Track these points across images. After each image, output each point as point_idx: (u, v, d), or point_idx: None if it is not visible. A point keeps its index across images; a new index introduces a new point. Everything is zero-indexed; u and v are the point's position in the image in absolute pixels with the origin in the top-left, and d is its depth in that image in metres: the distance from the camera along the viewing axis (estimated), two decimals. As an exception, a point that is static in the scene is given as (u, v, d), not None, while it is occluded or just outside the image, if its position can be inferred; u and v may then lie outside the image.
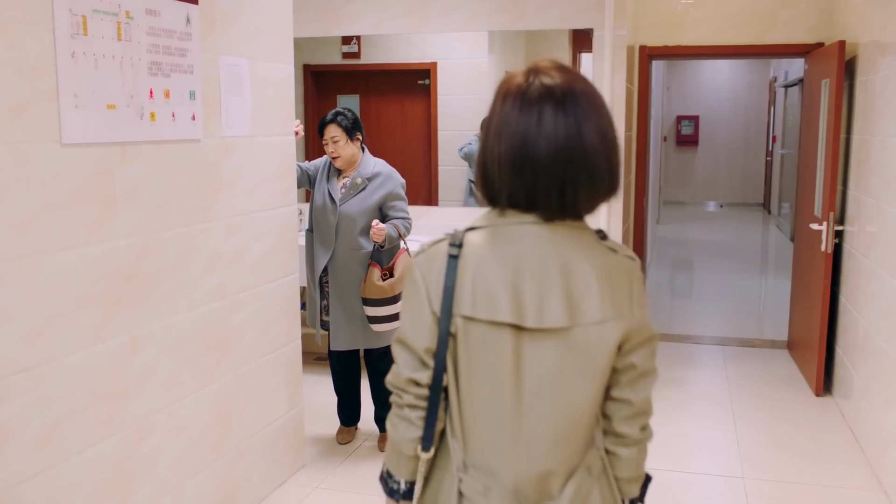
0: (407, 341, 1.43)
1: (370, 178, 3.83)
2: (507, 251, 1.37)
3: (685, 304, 7.49)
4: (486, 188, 1.40)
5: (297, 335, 3.63)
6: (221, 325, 3.06)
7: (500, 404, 1.39)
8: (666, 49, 5.69)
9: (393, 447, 1.49)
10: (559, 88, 1.34)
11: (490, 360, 1.37)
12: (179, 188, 2.78)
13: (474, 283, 1.36)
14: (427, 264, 1.42)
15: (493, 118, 1.39)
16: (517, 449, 1.40)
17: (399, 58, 5.74)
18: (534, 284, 1.35)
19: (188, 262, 2.85)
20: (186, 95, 2.77)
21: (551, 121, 1.32)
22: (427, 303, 1.40)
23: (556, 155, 1.32)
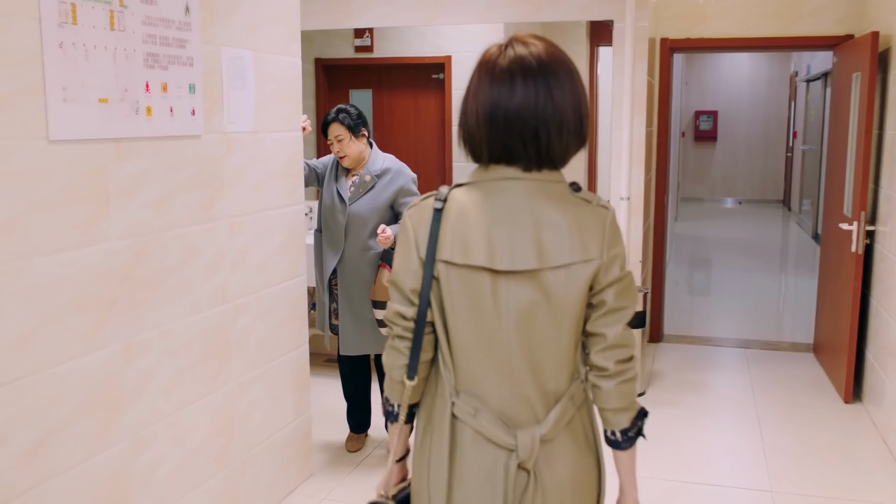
0: (397, 281, 1.61)
1: (379, 175, 3.68)
2: (485, 203, 1.53)
3: (704, 304, 7.30)
4: (468, 145, 1.57)
5: (304, 339, 3.49)
6: (224, 330, 2.92)
7: (482, 338, 1.55)
8: (688, 42, 5.50)
9: (387, 372, 1.66)
10: (531, 57, 1.50)
11: (470, 299, 1.54)
12: (179, 186, 2.64)
13: (453, 232, 1.53)
14: (417, 216, 1.60)
15: (472, 83, 1.55)
16: (499, 377, 1.57)
17: (413, 51, 5.60)
18: (507, 232, 1.51)
19: (188, 263, 2.71)
20: (185, 89, 2.62)
21: (521, 84, 1.49)
22: (415, 249, 1.58)
23: (527, 107, 1.49)
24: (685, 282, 8.26)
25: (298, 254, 3.41)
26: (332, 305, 3.82)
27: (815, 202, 10.96)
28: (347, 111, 3.67)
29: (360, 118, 3.70)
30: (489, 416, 1.57)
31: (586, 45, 5.65)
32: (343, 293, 3.71)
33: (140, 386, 2.52)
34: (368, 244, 3.65)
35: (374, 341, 3.73)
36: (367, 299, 3.67)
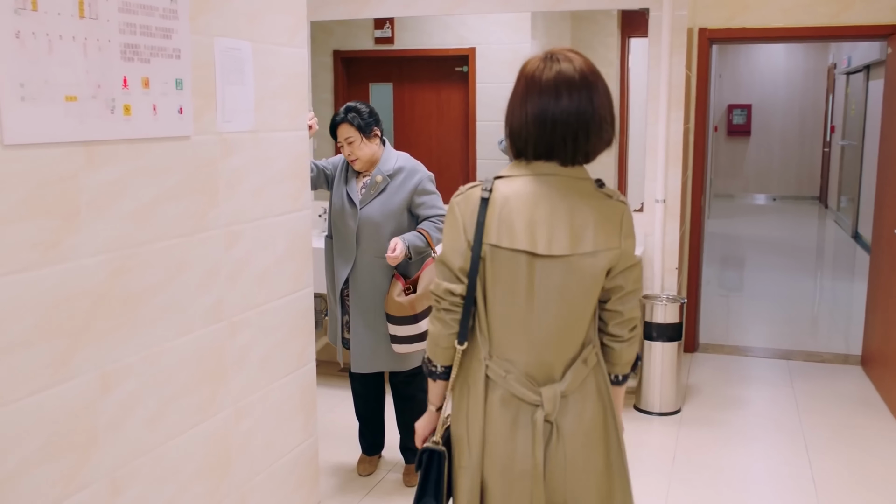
0: (446, 261, 1.85)
1: (392, 175, 3.38)
2: (527, 195, 1.79)
3: (739, 309, 6.93)
4: (514, 143, 1.84)
5: (311, 356, 3.20)
6: (218, 351, 2.64)
7: (517, 311, 1.81)
8: (728, 32, 5.14)
9: (433, 339, 1.91)
10: (574, 71, 1.78)
11: (510, 278, 1.79)
12: (164, 194, 2.35)
13: (499, 219, 1.78)
14: (464, 204, 1.85)
15: (518, 91, 1.83)
16: (528, 344, 1.83)
17: (435, 43, 5.35)
18: (545, 221, 1.77)
19: (176, 279, 2.42)
20: (171, 84, 2.33)
21: (565, 94, 1.77)
22: (463, 233, 1.83)
23: (570, 113, 1.76)
24: (718, 284, 7.89)
25: (304, 263, 3.12)
26: (344, 318, 3.53)
27: (854, 199, 10.51)
28: (357, 110, 3.37)
29: (372, 116, 3.39)
30: (518, 377, 1.84)
31: (617, 37, 5.34)
32: (355, 305, 3.42)
33: (118, 419, 2.24)
34: (383, 251, 3.36)
35: (388, 358, 3.44)
36: (381, 312, 3.38)
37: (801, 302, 7.27)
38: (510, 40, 5.20)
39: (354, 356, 3.44)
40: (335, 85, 5.75)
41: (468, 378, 1.89)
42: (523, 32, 5.21)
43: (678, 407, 4.48)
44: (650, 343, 4.41)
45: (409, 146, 5.85)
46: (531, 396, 1.84)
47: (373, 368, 3.44)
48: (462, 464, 1.92)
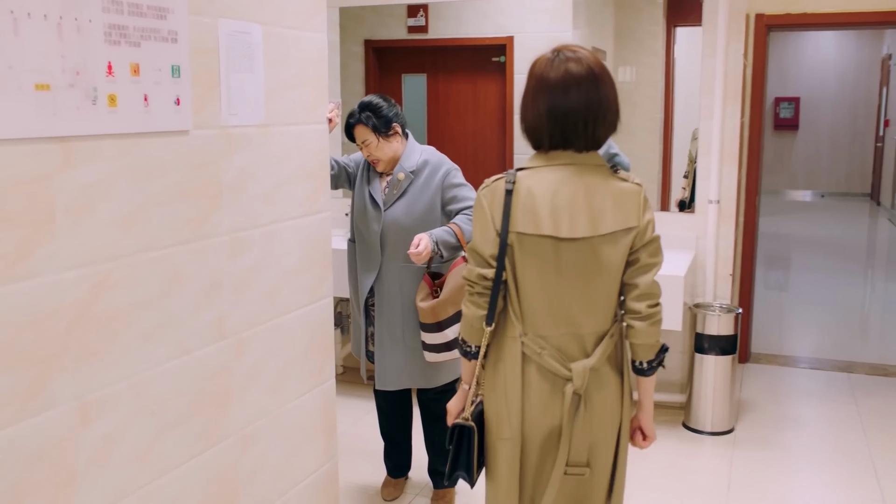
0: (478, 249, 2.02)
1: (415, 172, 3.07)
2: (549, 184, 1.97)
3: (790, 316, 6.52)
4: (531, 136, 2.03)
5: (330, 373, 2.90)
6: (222, 373, 2.35)
7: (547, 292, 2.00)
8: (787, 18, 4.75)
9: (467, 321, 2.07)
10: (581, 67, 1.96)
11: (538, 261, 1.98)
12: (157, 197, 2.06)
13: (524, 209, 1.96)
14: (490, 196, 2.02)
15: (529, 88, 2.01)
16: (558, 320, 2.01)
17: (471, 31, 5.12)
18: (567, 206, 1.95)
19: (171, 294, 2.13)
20: (167, 72, 2.04)
21: (574, 89, 1.95)
22: (491, 223, 2.00)
23: (580, 105, 1.95)
24: (765, 286, 7.46)
25: (323, 271, 2.82)
26: (368, 329, 3.23)
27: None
28: (373, 108, 3.06)
29: (391, 111, 3.08)
30: (551, 352, 2.00)
31: (662, 26, 5.02)
32: (381, 317, 3.12)
33: (100, 454, 1.96)
34: (410, 256, 3.06)
35: (417, 373, 3.14)
36: (408, 323, 3.07)
37: (855, 307, 6.84)
38: (550, 29, 4.93)
39: (380, 372, 3.14)
40: (366, 76, 5.52)
41: (503, 355, 2.05)
42: (564, 20, 4.94)
43: (731, 426, 4.12)
44: (701, 356, 4.06)
45: (443, 140, 5.61)
46: (563, 371, 2.00)
47: (399, 385, 3.15)
48: (503, 436, 2.05)
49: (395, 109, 3.10)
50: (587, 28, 5.01)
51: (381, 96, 3.10)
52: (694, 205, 4.28)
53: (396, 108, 3.11)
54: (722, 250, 4.22)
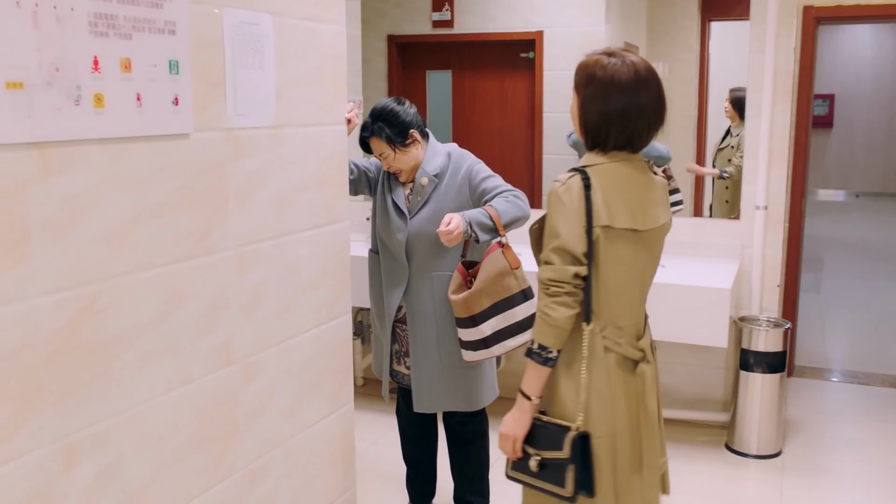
0: (569, 247, 1.96)
1: (439, 174, 2.82)
2: (616, 178, 2.00)
3: (833, 324, 6.21)
4: (594, 137, 2.03)
5: (348, 397, 2.66)
6: (227, 402, 2.11)
7: (625, 283, 2.04)
8: (839, 10, 4.44)
9: (557, 325, 1.97)
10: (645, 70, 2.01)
11: (619, 254, 2.00)
12: (152, 208, 1.83)
13: (604, 202, 1.97)
14: (569, 192, 1.97)
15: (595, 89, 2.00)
16: (632, 310, 2.08)
17: (499, 26, 4.91)
18: (636, 200, 2.02)
19: (169, 316, 1.90)
20: (163, 67, 1.81)
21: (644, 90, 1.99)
22: (578, 219, 1.96)
23: (648, 106, 2.00)
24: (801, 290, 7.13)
25: (341, 286, 2.58)
26: (393, 346, 2.98)
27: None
28: (387, 117, 2.81)
29: (406, 116, 2.82)
30: (628, 339, 2.05)
31: (697, 20, 4.81)
32: (414, 334, 2.87)
33: (88, 500, 1.73)
34: (441, 266, 2.81)
35: (457, 395, 2.89)
36: (445, 339, 2.82)
37: None
38: (582, 23, 4.72)
39: (416, 394, 2.89)
40: (389, 72, 5.33)
41: (582, 352, 2.00)
42: (596, 14, 4.72)
43: (778, 448, 3.84)
44: (746, 374, 3.78)
45: (468, 140, 5.37)
46: (636, 353, 2.05)
47: (438, 408, 2.90)
48: (598, 433, 2.00)
49: (411, 112, 2.84)
50: (620, 22, 4.79)
51: (396, 99, 2.84)
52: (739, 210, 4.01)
53: (412, 110, 2.85)
54: (769, 259, 3.94)
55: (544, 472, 2.00)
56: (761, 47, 3.81)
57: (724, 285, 3.47)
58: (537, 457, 2.01)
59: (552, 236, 1.96)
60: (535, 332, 2.00)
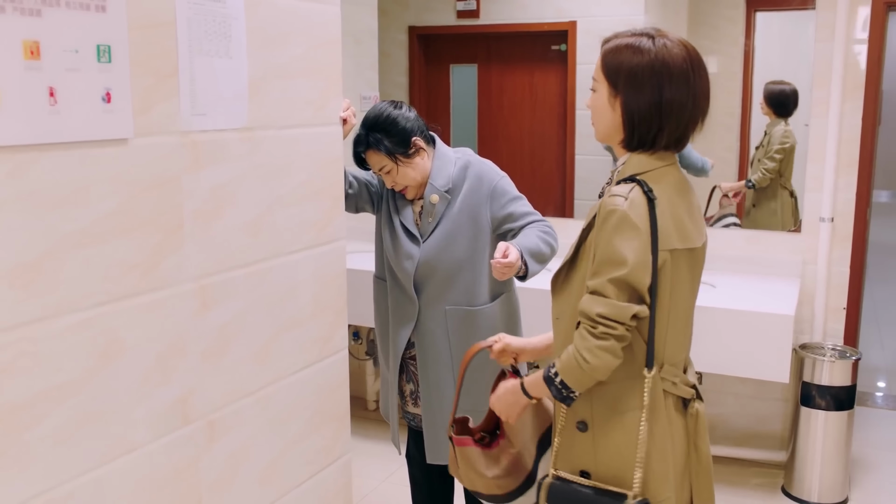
0: (634, 281, 1.58)
1: (450, 190, 2.38)
2: (671, 187, 1.66)
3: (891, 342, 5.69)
4: (640, 134, 1.65)
5: (344, 447, 2.25)
6: (185, 470, 1.71)
7: (683, 312, 1.70)
8: (912, -5, 3.95)
9: (587, 374, 1.61)
10: (696, 55, 1.68)
11: (683, 279, 1.68)
12: (77, 237, 1.42)
13: (673, 221, 1.63)
14: (634, 210, 1.59)
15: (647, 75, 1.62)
16: (686, 341, 1.76)
17: (528, 16, 4.57)
18: (689, 211, 1.69)
19: (103, 371, 1.50)
20: (89, 54, 1.40)
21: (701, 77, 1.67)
22: (647, 245, 1.59)
23: (705, 95, 1.68)
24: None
25: (336, 318, 2.16)
26: (408, 386, 2.55)
27: None
28: (383, 126, 2.36)
29: (406, 122, 2.38)
30: (682, 378, 1.72)
31: (742, 10, 4.40)
32: (426, 376, 2.45)
33: None
34: (457, 299, 2.38)
35: None
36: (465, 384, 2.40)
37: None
38: (619, 13, 4.37)
39: (430, 443, 2.47)
40: (410, 66, 5.00)
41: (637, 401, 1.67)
42: (635, 3, 4.36)
43: (844, 496, 3.37)
44: (808, 410, 3.31)
45: (496, 140, 4.97)
46: (689, 391, 1.75)
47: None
48: (661, 497, 1.68)
49: (412, 116, 2.40)
50: (660, 11, 4.39)
51: (392, 103, 2.40)
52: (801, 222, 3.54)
53: (412, 114, 2.41)
54: (835, 278, 3.47)
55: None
56: (829, 37, 3.35)
57: (786, 311, 3.01)
58: None
59: (614, 265, 1.59)
60: (563, 368, 1.65)
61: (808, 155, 3.52)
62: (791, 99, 3.85)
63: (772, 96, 3.94)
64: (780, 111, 3.87)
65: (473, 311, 2.41)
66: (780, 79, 4.01)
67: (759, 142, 4.01)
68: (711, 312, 3.09)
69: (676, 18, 4.50)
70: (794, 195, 3.85)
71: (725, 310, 3.08)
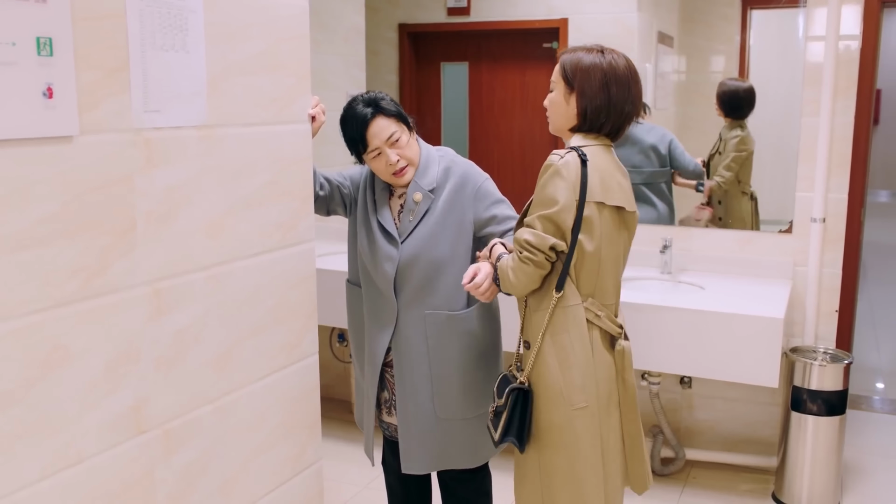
0: (557, 219, 1.94)
1: (434, 189, 2.31)
2: (606, 160, 2.03)
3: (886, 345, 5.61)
4: (591, 122, 2.02)
5: (315, 454, 2.18)
6: (139, 482, 1.64)
7: (610, 262, 2.04)
8: (907, -9, 3.88)
9: (505, 281, 2.03)
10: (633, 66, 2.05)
11: (607, 231, 2.01)
12: (17, 239, 1.35)
13: (600, 180, 1.98)
14: (566, 167, 1.96)
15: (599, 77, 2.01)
16: (615, 289, 2.10)
17: (519, 14, 4.49)
18: (622, 182, 2.05)
19: (45, 380, 1.43)
20: (28, 46, 1.33)
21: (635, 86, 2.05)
22: (573, 192, 1.95)
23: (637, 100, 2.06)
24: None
25: (306, 322, 2.09)
26: (381, 394, 2.47)
27: None
28: (383, 96, 2.32)
29: None
30: (608, 316, 2.06)
31: (738, 8, 4.31)
32: (402, 384, 2.36)
33: None
34: (437, 303, 2.31)
35: (454, 451, 2.39)
36: (440, 387, 2.33)
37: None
38: (611, 10, 4.28)
39: (405, 453, 2.39)
40: (400, 65, 4.92)
41: (567, 324, 2.00)
42: (627, 1, 4.25)
43: (836, 502, 3.29)
44: (799, 415, 3.24)
45: (486, 139, 4.90)
46: (616, 329, 2.06)
47: (432, 468, 2.40)
48: (578, 405, 2.01)
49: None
50: (653, 9, 4.30)
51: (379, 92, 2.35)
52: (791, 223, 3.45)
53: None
54: (827, 281, 3.39)
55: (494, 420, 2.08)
56: (819, 32, 3.27)
57: (775, 314, 2.93)
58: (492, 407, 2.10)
59: (545, 204, 1.96)
60: (500, 269, 2.04)
61: (798, 154, 3.44)
62: (745, 100, 3.70)
63: (723, 97, 3.80)
64: (733, 114, 3.70)
65: (454, 315, 2.33)
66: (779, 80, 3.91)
67: (715, 147, 3.88)
68: (700, 315, 3.01)
69: (669, 16, 4.41)
70: (755, 198, 3.75)
71: (714, 312, 3.00)
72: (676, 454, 3.56)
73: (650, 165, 3.94)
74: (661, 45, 4.32)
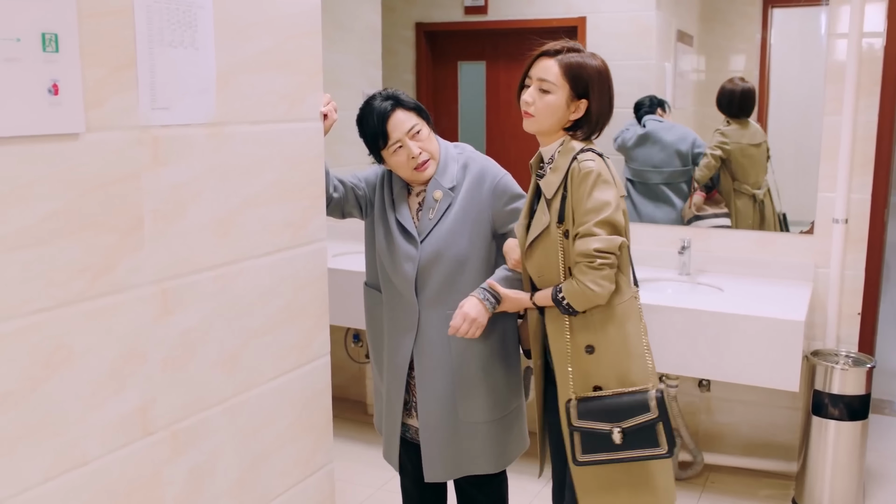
0: (615, 221, 2.01)
1: (454, 187, 2.29)
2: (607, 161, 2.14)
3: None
4: (598, 126, 2.13)
5: (326, 457, 2.15)
6: (146, 484, 1.62)
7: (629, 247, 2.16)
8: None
9: (591, 300, 2.02)
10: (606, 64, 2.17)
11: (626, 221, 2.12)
12: (15, 237, 1.33)
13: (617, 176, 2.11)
14: (605, 171, 2.04)
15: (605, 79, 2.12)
16: None
17: (537, 12, 4.46)
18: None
19: (49, 381, 1.41)
20: (33, 42, 1.31)
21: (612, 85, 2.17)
22: (617, 192, 2.05)
23: None
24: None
25: (317, 322, 2.07)
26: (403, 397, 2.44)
27: None
28: (401, 92, 2.33)
29: None
30: None
31: (759, 6, 4.25)
32: (424, 388, 2.33)
33: None
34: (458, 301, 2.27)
35: (477, 455, 2.37)
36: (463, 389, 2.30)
37: None
38: (629, 8, 4.24)
39: (427, 460, 2.36)
40: (417, 64, 4.90)
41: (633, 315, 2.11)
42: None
43: (857, 509, 3.23)
44: (820, 420, 3.18)
45: (503, 138, 4.87)
46: None
47: (453, 475, 2.37)
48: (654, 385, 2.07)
49: None
50: (672, 7, 4.25)
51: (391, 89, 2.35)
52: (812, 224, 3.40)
53: None
54: (849, 283, 3.33)
55: (631, 441, 2.02)
56: (842, 29, 3.21)
57: (796, 316, 2.87)
58: (618, 429, 2.02)
59: (598, 210, 1.99)
60: (570, 295, 2.02)
61: (820, 154, 3.38)
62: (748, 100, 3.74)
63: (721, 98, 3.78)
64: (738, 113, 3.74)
65: None
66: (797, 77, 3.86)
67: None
68: (719, 317, 2.96)
69: (689, 15, 4.36)
70: (759, 199, 3.68)
71: (733, 315, 2.95)
72: (695, 458, 3.51)
73: (670, 165, 3.89)
74: (680, 44, 4.26)
